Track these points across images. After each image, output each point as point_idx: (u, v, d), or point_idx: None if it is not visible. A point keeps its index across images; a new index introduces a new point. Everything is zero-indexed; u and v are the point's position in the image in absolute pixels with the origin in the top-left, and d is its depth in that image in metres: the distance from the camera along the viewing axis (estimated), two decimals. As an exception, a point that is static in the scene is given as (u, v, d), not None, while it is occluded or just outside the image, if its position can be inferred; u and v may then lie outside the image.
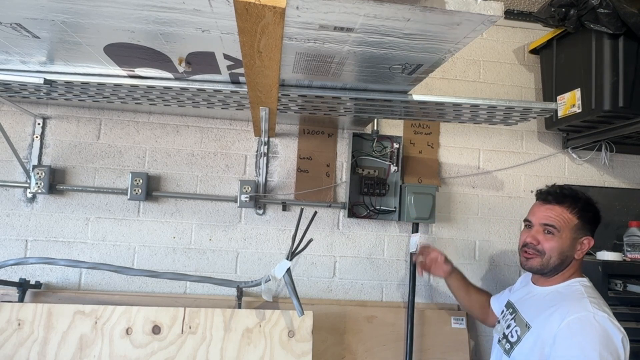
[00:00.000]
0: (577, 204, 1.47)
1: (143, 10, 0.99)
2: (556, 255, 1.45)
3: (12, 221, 1.94)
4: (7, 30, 1.16)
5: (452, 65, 2.28)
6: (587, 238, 1.47)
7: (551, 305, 1.38)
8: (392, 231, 2.16)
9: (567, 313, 1.31)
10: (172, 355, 1.72)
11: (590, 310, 1.29)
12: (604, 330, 1.24)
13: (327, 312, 2.01)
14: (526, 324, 1.43)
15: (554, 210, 1.47)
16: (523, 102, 1.75)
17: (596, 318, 1.27)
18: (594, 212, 1.49)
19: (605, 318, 1.27)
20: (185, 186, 2.05)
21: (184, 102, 1.71)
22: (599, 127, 2.07)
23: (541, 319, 1.38)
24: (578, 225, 1.46)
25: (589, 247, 1.47)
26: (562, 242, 1.45)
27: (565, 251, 1.45)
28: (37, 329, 1.69)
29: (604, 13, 1.80)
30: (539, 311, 1.41)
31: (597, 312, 1.28)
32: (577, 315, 1.29)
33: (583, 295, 1.36)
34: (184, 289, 2.01)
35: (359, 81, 1.44)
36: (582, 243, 1.46)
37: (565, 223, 1.45)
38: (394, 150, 2.11)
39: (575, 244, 1.46)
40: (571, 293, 1.40)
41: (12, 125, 1.97)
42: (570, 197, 1.48)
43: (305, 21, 0.99)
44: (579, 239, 1.46)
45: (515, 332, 1.47)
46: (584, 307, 1.31)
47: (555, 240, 1.45)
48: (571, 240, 1.45)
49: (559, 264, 1.46)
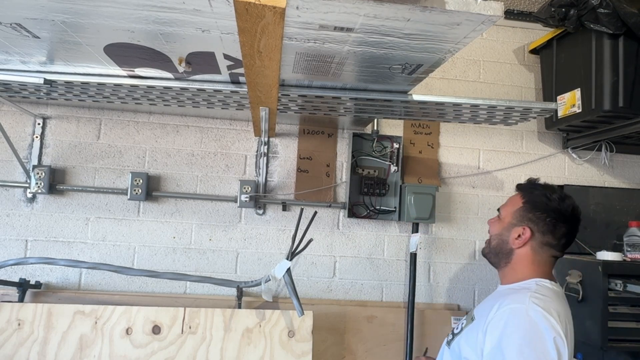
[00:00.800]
0: (531, 191, 1.38)
1: (143, 10, 0.99)
2: (495, 240, 1.39)
3: (12, 221, 1.94)
4: (7, 30, 1.16)
5: (452, 65, 2.28)
6: (525, 227, 1.33)
7: (498, 299, 1.28)
8: (392, 231, 2.16)
9: (502, 303, 1.22)
10: (172, 355, 1.72)
11: (524, 302, 1.18)
12: (533, 325, 1.13)
13: (327, 312, 2.01)
14: (472, 317, 1.36)
15: (513, 197, 1.41)
16: (523, 102, 1.75)
17: (528, 311, 1.15)
18: (543, 202, 1.34)
19: (538, 313, 1.15)
20: (185, 186, 2.05)
21: (184, 102, 1.71)
22: (599, 127, 2.07)
23: (484, 312, 1.29)
24: (520, 210, 1.36)
25: (526, 238, 1.32)
26: (501, 225, 1.39)
27: (503, 236, 1.36)
28: (37, 329, 1.69)
29: (604, 13, 1.80)
30: (486, 305, 1.33)
31: (531, 306, 1.16)
32: (509, 307, 1.19)
33: (529, 290, 1.24)
34: (184, 289, 2.01)
35: (359, 81, 1.44)
36: (520, 231, 1.33)
37: (511, 206, 1.39)
38: (394, 150, 2.11)
39: (512, 230, 1.35)
40: (521, 288, 1.29)
41: (12, 125, 1.97)
42: (532, 184, 1.41)
43: (305, 21, 0.99)
44: (517, 226, 1.34)
45: (461, 324, 1.41)
46: (520, 300, 1.20)
47: (498, 223, 1.40)
48: (509, 224, 1.36)
49: (498, 249, 1.37)
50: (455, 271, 2.18)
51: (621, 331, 1.83)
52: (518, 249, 1.35)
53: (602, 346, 1.80)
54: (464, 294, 2.18)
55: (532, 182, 1.44)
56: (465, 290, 2.18)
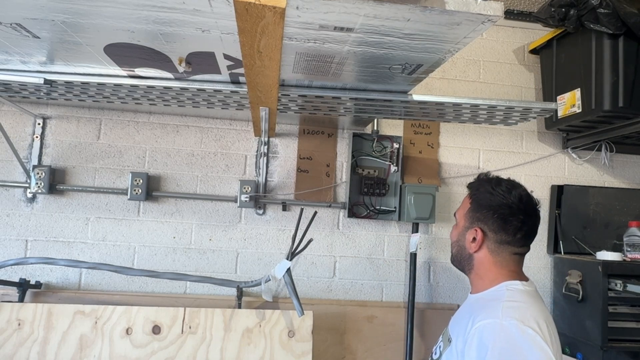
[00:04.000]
0: (477, 189, 1.29)
1: (143, 10, 0.99)
2: (455, 245, 1.32)
3: (12, 221, 1.94)
4: (7, 30, 1.16)
5: (452, 65, 2.28)
6: (477, 229, 1.25)
7: (470, 313, 1.19)
8: (392, 231, 2.16)
9: (475, 320, 1.13)
10: (172, 355, 1.72)
11: (498, 316, 1.09)
12: (511, 339, 1.04)
13: (327, 312, 2.01)
14: (449, 337, 1.26)
15: (465, 197, 1.34)
16: (523, 102, 1.75)
17: (503, 325, 1.06)
18: (487, 198, 1.25)
19: (514, 325, 1.05)
20: (185, 186, 2.05)
21: (184, 102, 1.71)
22: (599, 127, 2.07)
23: (460, 331, 1.20)
24: (469, 212, 1.28)
25: (480, 240, 1.24)
26: (457, 230, 1.31)
27: (460, 241, 1.30)
28: (37, 329, 1.69)
29: (604, 13, 1.80)
30: (460, 322, 1.23)
31: (505, 319, 1.07)
32: (482, 323, 1.10)
33: (500, 301, 1.15)
34: (184, 289, 2.01)
35: (359, 81, 1.44)
36: (473, 234, 1.25)
37: (462, 209, 1.31)
38: (394, 150, 2.11)
39: (466, 234, 1.27)
40: (492, 299, 1.19)
41: (12, 125, 1.97)
42: (478, 181, 1.32)
43: (305, 21, 0.99)
44: (470, 228, 1.27)
45: (439, 348, 1.31)
46: (493, 314, 1.11)
47: (455, 229, 1.34)
48: (463, 228, 1.29)
49: (459, 257, 1.31)
50: (455, 271, 2.18)
51: (621, 331, 1.83)
52: (476, 253, 1.26)
53: (602, 346, 1.80)
54: (464, 294, 2.18)
55: (480, 179, 1.33)
56: (465, 290, 2.18)
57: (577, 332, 1.94)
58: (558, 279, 2.13)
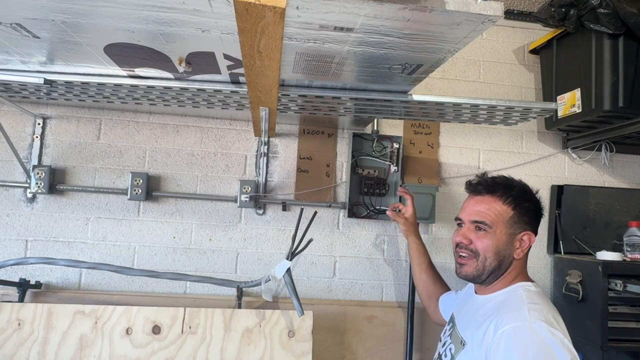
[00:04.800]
0: (510, 192, 1.25)
1: (143, 10, 0.99)
2: (492, 256, 1.23)
3: (12, 221, 1.94)
4: (7, 30, 1.16)
5: (452, 65, 2.28)
6: (527, 233, 1.24)
7: (488, 316, 1.17)
8: (392, 231, 2.16)
9: (500, 324, 1.10)
10: (172, 355, 1.72)
11: (526, 319, 1.08)
12: (542, 343, 1.04)
13: (327, 312, 2.01)
14: (461, 340, 1.24)
15: (485, 202, 1.26)
16: (523, 102, 1.75)
17: (534, 328, 1.06)
18: (532, 201, 1.26)
19: (544, 328, 1.06)
20: (185, 186, 2.05)
21: (184, 102, 1.71)
22: (599, 127, 2.07)
23: (476, 334, 1.18)
24: (514, 218, 1.24)
25: (529, 244, 1.25)
26: (496, 239, 1.23)
27: (502, 250, 1.23)
28: (37, 329, 1.69)
29: (604, 13, 1.80)
30: (475, 325, 1.21)
31: (535, 322, 1.07)
32: (511, 326, 1.08)
33: (523, 302, 1.14)
34: (184, 289, 2.01)
35: (359, 81, 1.44)
36: (522, 240, 1.24)
37: (499, 216, 1.23)
38: (394, 150, 2.11)
39: (513, 241, 1.24)
40: (511, 301, 1.19)
41: (12, 125, 1.97)
42: (503, 185, 1.28)
43: (305, 21, 0.99)
44: (516, 235, 1.24)
45: (449, 350, 1.28)
46: (520, 316, 1.10)
47: (488, 238, 1.23)
48: (507, 236, 1.23)
49: (497, 267, 1.24)
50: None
51: (621, 331, 1.83)
52: (519, 258, 1.25)
53: (602, 346, 1.80)
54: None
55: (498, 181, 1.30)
56: (465, 290, 2.18)
57: (577, 332, 1.94)
58: (558, 279, 2.13)
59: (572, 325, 1.97)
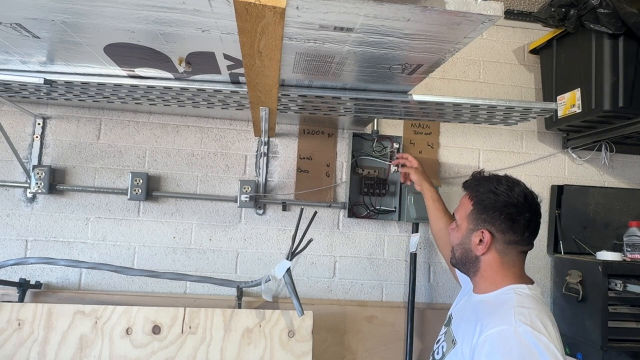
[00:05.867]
0: (476, 189, 1.25)
1: (143, 10, 0.99)
2: (458, 249, 1.28)
3: (12, 221, 1.94)
4: (7, 30, 1.16)
5: (452, 65, 2.28)
6: (484, 231, 1.21)
7: (477, 318, 1.17)
8: (392, 231, 2.16)
9: (487, 326, 1.10)
10: (172, 355, 1.72)
11: (512, 323, 1.07)
12: (527, 347, 1.03)
13: (327, 312, 2.01)
14: (453, 339, 1.25)
15: (463, 198, 1.30)
16: (523, 102, 1.75)
17: (518, 332, 1.05)
18: (491, 198, 1.22)
19: (528, 332, 1.04)
20: (185, 186, 2.05)
21: (184, 102, 1.71)
22: (599, 127, 2.07)
23: (466, 334, 1.18)
24: (473, 214, 1.24)
25: (488, 241, 1.21)
26: (460, 233, 1.27)
27: (464, 244, 1.26)
28: (37, 329, 1.69)
29: (604, 13, 1.80)
30: (466, 325, 1.22)
31: (520, 325, 1.06)
32: (496, 330, 1.08)
33: (511, 306, 1.13)
34: (184, 289, 2.01)
35: (359, 81, 1.44)
36: (480, 236, 1.22)
37: (464, 211, 1.27)
38: (394, 150, 2.11)
39: (472, 237, 1.24)
40: (500, 304, 1.17)
41: (12, 125, 1.97)
42: (475, 180, 1.28)
43: (305, 21, 0.99)
44: (475, 231, 1.23)
45: (441, 348, 1.29)
46: (506, 320, 1.09)
47: (456, 231, 1.29)
48: (467, 231, 1.25)
49: (464, 260, 1.27)
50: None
51: (621, 331, 1.83)
52: (483, 255, 1.23)
53: (602, 346, 1.80)
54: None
55: (476, 177, 1.30)
56: (465, 290, 2.18)
57: (577, 332, 1.94)
58: (558, 279, 2.13)
59: (572, 325, 1.98)
